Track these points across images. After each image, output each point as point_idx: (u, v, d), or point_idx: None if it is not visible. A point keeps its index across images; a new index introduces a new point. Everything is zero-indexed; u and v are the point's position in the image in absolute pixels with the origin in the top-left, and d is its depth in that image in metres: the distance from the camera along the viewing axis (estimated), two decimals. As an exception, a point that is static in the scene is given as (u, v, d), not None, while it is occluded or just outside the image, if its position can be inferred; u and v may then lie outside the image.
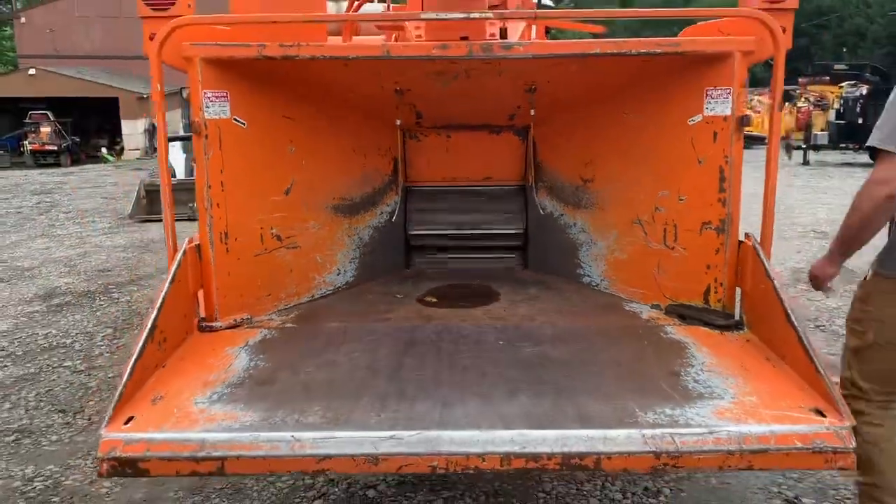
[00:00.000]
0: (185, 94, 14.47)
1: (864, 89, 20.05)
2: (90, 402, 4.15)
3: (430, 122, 3.40)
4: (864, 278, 2.45)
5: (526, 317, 2.84)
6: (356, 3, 4.10)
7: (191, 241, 2.60)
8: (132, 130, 25.59)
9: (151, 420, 2.01)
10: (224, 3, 3.26)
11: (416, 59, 2.61)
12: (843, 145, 19.33)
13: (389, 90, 2.98)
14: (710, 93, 2.60)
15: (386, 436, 1.93)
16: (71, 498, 3.16)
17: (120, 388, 2.04)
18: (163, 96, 2.61)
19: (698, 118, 2.64)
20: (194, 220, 9.87)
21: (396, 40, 3.65)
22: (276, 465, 1.95)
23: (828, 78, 23.69)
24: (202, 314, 2.67)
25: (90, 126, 27.29)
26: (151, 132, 26.32)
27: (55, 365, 4.78)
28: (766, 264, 2.44)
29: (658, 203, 2.85)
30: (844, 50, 38.57)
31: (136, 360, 2.13)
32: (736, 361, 2.35)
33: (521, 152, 3.50)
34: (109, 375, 4.54)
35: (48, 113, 24.35)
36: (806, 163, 19.05)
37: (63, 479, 3.31)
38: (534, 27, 4.15)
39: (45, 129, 24.06)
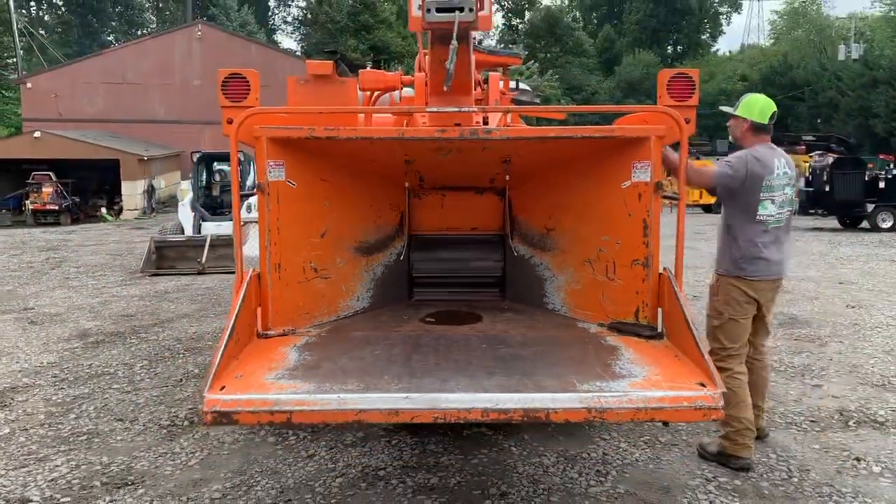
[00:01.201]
0: (194, 158, 15.55)
1: (830, 159, 20.92)
2: (142, 414, 4.97)
3: (429, 185, 4.37)
4: (711, 283, 4.18)
5: (502, 330, 3.75)
6: (374, 95, 5.17)
7: (254, 270, 3.50)
8: (132, 191, 26.51)
9: (238, 388, 2.88)
10: (266, 94, 4.25)
11: (422, 139, 3.59)
12: (812, 211, 20.07)
13: (401, 161, 3.95)
14: (635, 165, 3.57)
15: (402, 397, 2.81)
16: (142, 476, 3.97)
17: (214, 368, 2.90)
18: (237, 164, 3.57)
19: (628, 183, 3.60)
20: (204, 273, 10.97)
21: (407, 124, 4.67)
22: (328, 416, 2.82)
23: (804, 147, 25.09)
24: (259, 325, 3.56)
25: (90, 186, 28.19)
26: (150, 192, 27.31)
27: (105, 387, 5.59)
28: (677, 290, 3.37)
29: (601, 246, 3.79)
30: (819, 121, 40.08)
31: (223, 351, 3.00)
32: (653, 358, 3.26)
33: (499, 208, 4.46)
34: (154, 395, 5.37)
35: (51, 174, 25.31)
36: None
37: (133, 465, 4.13)
38: (508, 115, 5.24)
39: (47, 190, 24.93)
